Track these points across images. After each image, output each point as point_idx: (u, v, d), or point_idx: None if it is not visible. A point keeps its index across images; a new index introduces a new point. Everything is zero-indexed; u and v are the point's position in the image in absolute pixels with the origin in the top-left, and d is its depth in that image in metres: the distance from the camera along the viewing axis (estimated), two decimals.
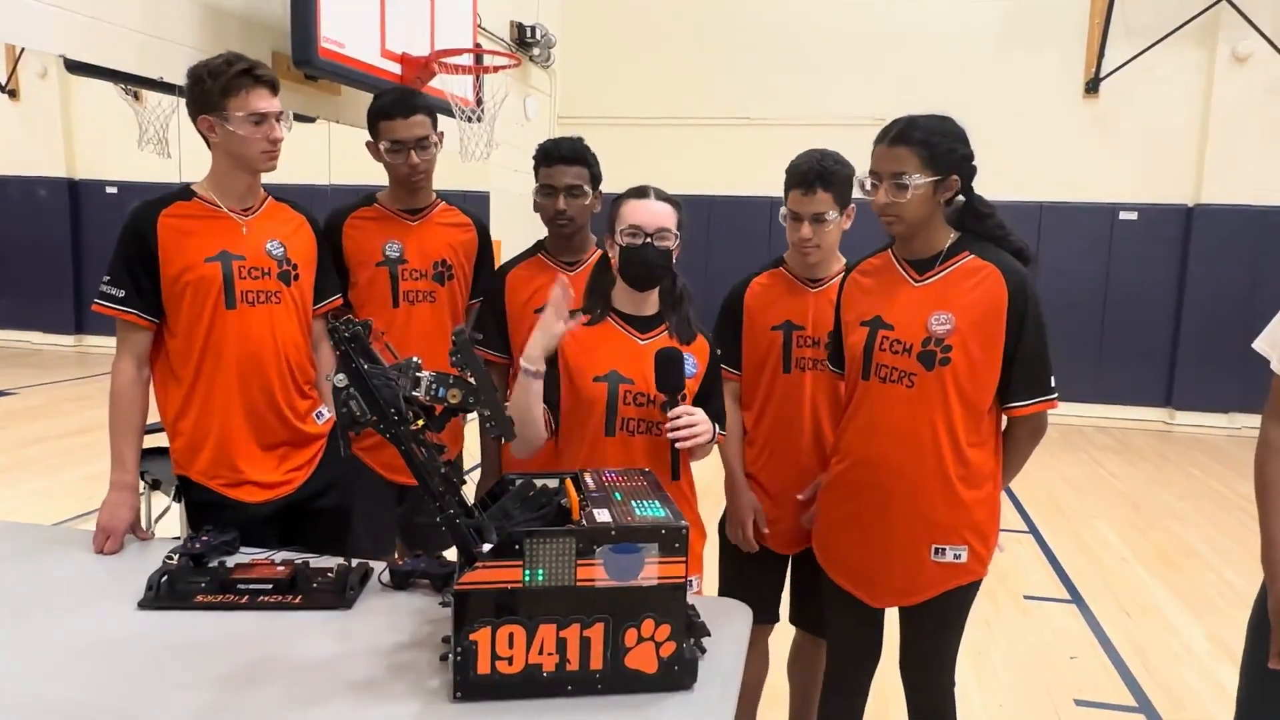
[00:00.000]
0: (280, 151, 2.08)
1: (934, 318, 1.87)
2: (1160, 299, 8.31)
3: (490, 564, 1.36)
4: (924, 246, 1.93)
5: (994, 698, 3.22)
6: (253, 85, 2.00)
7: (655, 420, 1.94)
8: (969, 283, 1.88)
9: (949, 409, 1.87)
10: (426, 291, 2.53)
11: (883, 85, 8.34)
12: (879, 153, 1.87)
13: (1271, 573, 1.57)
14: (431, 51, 4.92)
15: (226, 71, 1.99)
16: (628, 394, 1.95)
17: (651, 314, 2.03)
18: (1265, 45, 7.72)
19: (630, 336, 2.00)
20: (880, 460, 1.93)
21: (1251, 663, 1.67)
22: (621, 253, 1.95)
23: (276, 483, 2.14)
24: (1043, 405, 1.91)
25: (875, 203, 1.88)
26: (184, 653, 1.51)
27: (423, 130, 2.44)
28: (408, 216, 2.54)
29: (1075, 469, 6.65)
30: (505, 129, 6.68)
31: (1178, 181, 8.23)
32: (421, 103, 2.46)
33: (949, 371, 1.86)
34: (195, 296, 2.02)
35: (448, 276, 2.56)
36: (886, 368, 1.91)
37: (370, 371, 1.40)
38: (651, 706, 1.40)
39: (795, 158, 2.16)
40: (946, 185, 1.85)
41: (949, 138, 1.85)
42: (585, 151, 2.35)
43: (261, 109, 2.01)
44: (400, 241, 2.50)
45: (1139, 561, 4.75)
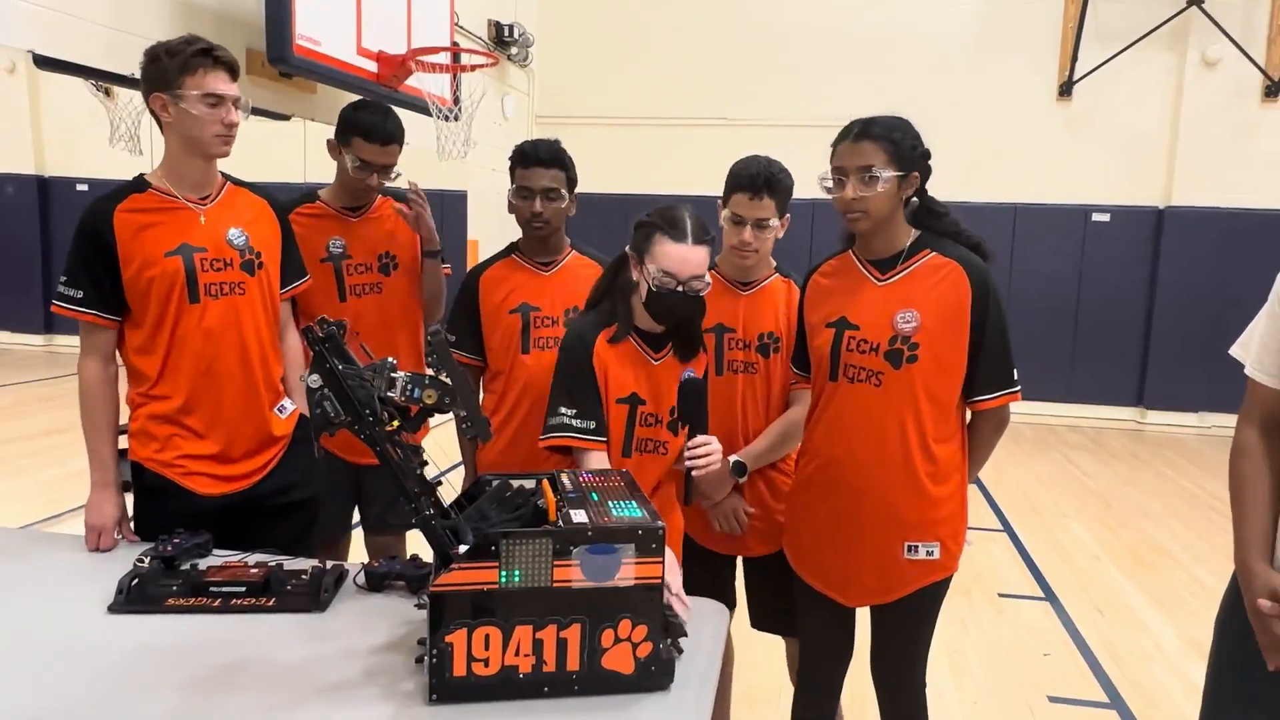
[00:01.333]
0: (234, 137, 2.03)
1: (899, 316, 1.89)
2: (1132, 300, 8.42)
3: (466, 565, 1.36)
4: (885, 245, 1.95)
5: (969, 695, 3.24)
6: (211, 66, 1.95)
7: (662, 440, 1.98)
8: (932, 280, 1.90)
9: (917, 406, 1.89)
10: (372, 284, 2.58)
11: (860, 88, 8.37)
12: (844, 149, 1.89)
13: (1244, 573, 1.58)
14: (408, 50, 4.88)
15: (184, 50, 1.94)
16: (644, 415, 1.96)
17: (662, 332, 2.02)
18: (1234, 50, 7.84)
19: (646, 356, 2.00)
20: (850, 460, 1.94)
21: (1218, 659, 1.69)
22: (651, 294, 1.91)
23: (233, 476, 2.10)
24: (1007, 398, 1.94)
25: (842, 199, 1.89)
26: (155, 657, 1.49)
27: (392, 159, 2.50)
28: (349, 213, 2.58)
29: (1048, 468, 6.71)
30: (483, 128, 6.65)
31: (1149, 184, 8.34)
32: (399, 132, 2.52)
33: (916, 369, 1.88)
34: (158, 292, 1.99)
35: (392, 267, 2.60)
36: (855, 368, 1.93)
37: (344, 372, 1.39)
38: (629, 707, 1.39)
39: (739, 162, 2.19)
40: (909, 181, 1.89)
41: (910, 135, 1.89)
42: (563, 155, 2.35)
43: (218, 90, 1.96)
44: (342, 237, 2.54)
45: (1111, 560, 4.80)
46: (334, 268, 2.53)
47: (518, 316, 2.36)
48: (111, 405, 2.03)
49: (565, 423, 1.91)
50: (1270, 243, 7.73)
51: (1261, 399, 1.63)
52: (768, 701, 2.99)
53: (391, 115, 2.55)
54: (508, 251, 2.47)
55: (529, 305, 2.37)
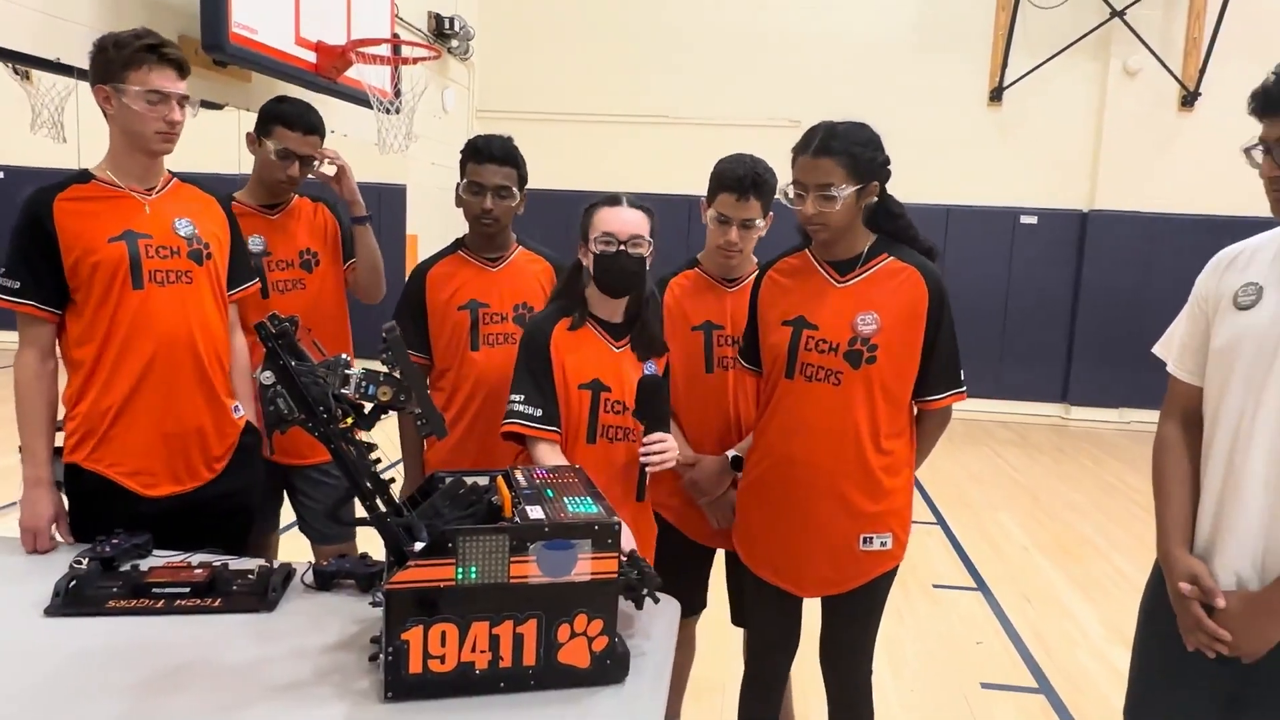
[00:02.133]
0: (177, 135, 1.99)
1: (859, 318, 1.94)
2: (1057, 300, 8.71)
3: (423, 562, 1.35)
4: (845, 249, 2.00)
5: (906, 684, 3.34)
6: (156, 62, 1.91)
7: (629, 428, 1.99)
8: (892, 284, 1.96)
9: (873, 404, 1.94)
10: (295, 280, 2.57)
11: (798, 88, 8.50)
12: (803, 164, 1.92)
13: (1166, 560, 1.67)
14: (348, 41, 4.80)
15: (132, 44, 1.91)
16: (608, 401, 1.97)
17: (623, 321, 2.05)
18: (1154, 61, 8.17)
19: (607, 343, 2.02)
20: (806, 457, 1.98)
21: (1143, 641, 1.78)
22: (596, 261, 1.96)
23: (179, 476, 2.05)
24: (955, 397, 2.02)
25: (802, 213, 1.93)
26: (97, 660, 1.46)
27: (312, 150, 2.50)
28: (267, 211, 2.57)
29: (979, 463, 6.92)
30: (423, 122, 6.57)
31: (1074, 188, 8.64)
32: (321, 125, 2.55)
33: (874, 369, 1.93)
34: (100, 278, 1.93)
35: (314, 263, 2.59)
36: (813, 367, 1.97)
37: (298, 368, 1.37)
38: (584, 701, 1.41)
39: (725, 161, 2.20)
40: (868, 191, 1.93)
41: (869, 146, 1.92)
42: (515, 153, 2.36)
43: (161, 87, 1.92)
44: (262, 235, 2.53)
45: (1038, 550, 4.98)
46: (255, 266, 2.48)
47: (466, 313, 2.35)
48: (47, 400, 1.97)
49: (514, 409, 1.95)
50: (1187, 246, 8.06)
51: (1182, 395, 1.72)
52: (712, 693, 3.04)
53: (314, 109, 2.56)
54: (454, 247, 2.46)
55: (477, 301, 2.36)
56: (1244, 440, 1.55)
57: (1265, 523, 1.52)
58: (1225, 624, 1.53)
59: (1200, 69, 8.21)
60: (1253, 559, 1.55)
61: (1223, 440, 1.59)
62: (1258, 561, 1.54)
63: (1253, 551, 1.54)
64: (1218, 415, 1.61)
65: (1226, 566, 1.58)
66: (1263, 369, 1.53)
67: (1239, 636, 1.52)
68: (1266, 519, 1.52)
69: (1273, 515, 1.52)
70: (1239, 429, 1.56)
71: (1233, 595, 1.54)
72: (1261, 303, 1.55)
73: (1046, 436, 8.16)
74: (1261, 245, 1.63)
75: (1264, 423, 1.52)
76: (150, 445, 2.01)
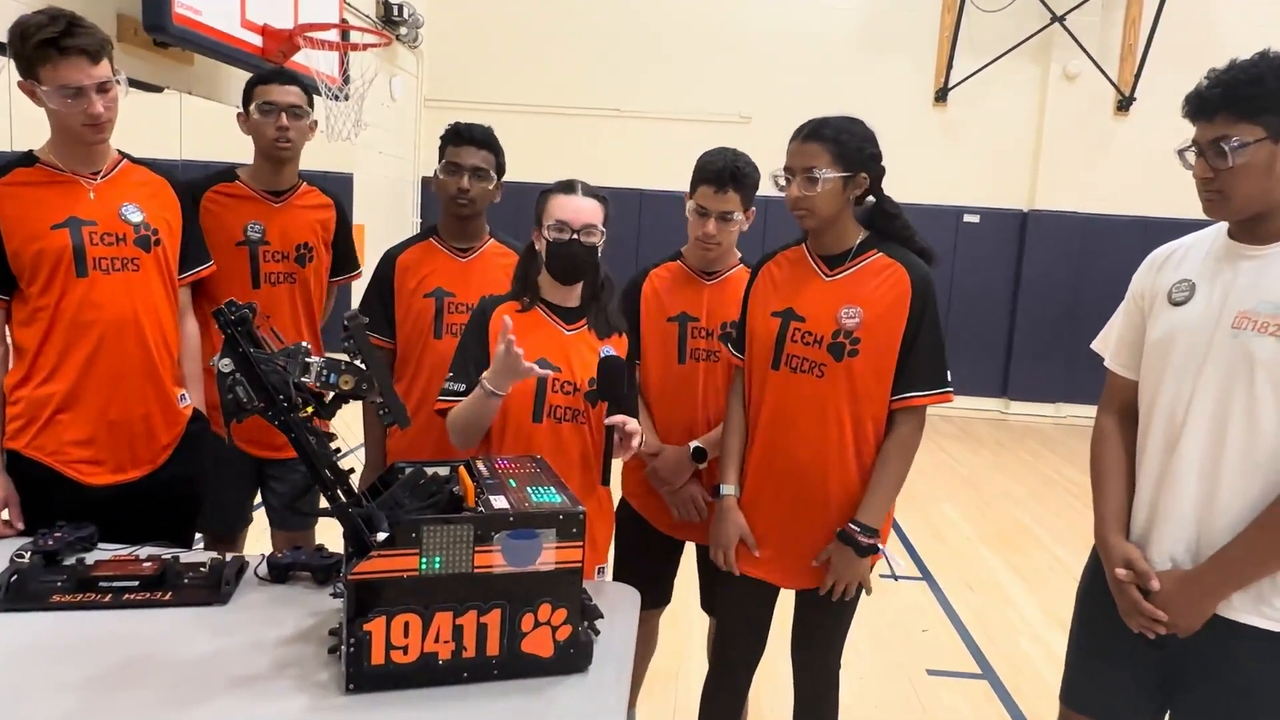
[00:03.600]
0: (108, 122, 1.91)
1: (844, 311, 1.95)
2: (999, 297, 8.94)
3: (385, 553, 1.34)
4: (835, 242, 2.01)
5: (855, 672, 3.39)
6: (59, 57, 1.80)
7: (580, 409, 1.97)
8: (877, 279, 1.97)
9: (855, 397, 1.95)
10: (287, 273, 2.49)
11: (748, 84, 8.58)
12: (792, 149, 1.95)
13: (1103, 546, 1.74)
14: (295, 24, 4.70)
15: (33, 37, 1.79)
16: (555, 381, 1.96)
17: (576, 305, 2.05)
18: (1092, 66, 8.42)
19: (557, 326, 2.01)
20: (792, 447, 1.99)
21: (1081, 623, 1.85)
22: (548, 248, 1.97)
23: (124, 465, 2.01)
24: (939, 398, 1.97)
25: (788, 197, 1.95)
26: (44, 656, 1.41)
27: (296, 99, 2.43)
28: (271, 198, 2.49)
29: (923, 455, 6.91)
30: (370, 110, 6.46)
31: (1015, 188, 8.87)
32: (300, 78, 2.52)
33: (856, 362, 1.94)
34: (44, 266, 1.88)
35: (308, 258, 2.53)
36: (798, 358, 1.98)
37: (258, 356, 1.35)
38: (548, 690, 1.41)
39: (706, 154, 2.21)
40: (855, 182, 1.94)
41: (857, 137, 1.94)
42: (494, 139, 2.38)
43: (73, 82, 1.81)
44: (262, 222, 2.44)
45: (981, 540, 5.11)
46: (249, 252, 2.42)
47: (431, 301, 2.34)
48: None
49: (445, 386, 1.97)
50: (1121, 245, 8.33)
51: (1119, 389, 1.80)
52: (666, 682, 3.05)
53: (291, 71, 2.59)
54: (425, 235, 2.44)
55: (444, 291, 2.34)
56: (1178, 431, 1.61)
57: (1199, 509, 1.59)
58: (1161, 604, 1.60)
59: (1135, 75, 8.49)
60: (1187, 544, 1.61)
61: (1158, 431, 1.66)
62: (1192, 546, 1.61)
63: (1187, 537, 1.61)
64: (1153, 407, 1.68)
65: (1162, 552, 1.64)
66: (1196, 362, 1.59)
67: (1174, 614, 1.59)
68: (1200, 505, 1.59)
69: (1206, 502, 1.59)
70: (1173, 420, 1.62)
71: (1166, 576, 1.61)
72: (1194, 299, 1.62)
73: (987, 430, 8.37)
74: (1194, 244, 1.71)
75: (1197, 413, 1.59)
76: (94, 433, 1.97)
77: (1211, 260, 1.64)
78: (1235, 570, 1.55)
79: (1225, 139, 1.49)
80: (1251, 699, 1.56)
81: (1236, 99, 1.49)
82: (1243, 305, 1.54)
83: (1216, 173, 1.53)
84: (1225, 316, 1.56)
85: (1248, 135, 1.48)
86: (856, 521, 1.96)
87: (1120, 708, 1.76)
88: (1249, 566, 1.54)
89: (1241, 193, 1.52)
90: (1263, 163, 1.49)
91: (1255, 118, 1.48)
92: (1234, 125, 1.49)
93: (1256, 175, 1.50)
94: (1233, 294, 1.56)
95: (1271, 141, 1.48)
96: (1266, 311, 1.51)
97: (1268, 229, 1.56)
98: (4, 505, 1.90)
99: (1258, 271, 1.55)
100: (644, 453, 2.28)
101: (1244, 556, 1.54)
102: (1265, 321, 1.51)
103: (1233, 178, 1.51)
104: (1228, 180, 1.52)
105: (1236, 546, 1.54)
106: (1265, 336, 1.51)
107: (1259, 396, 1.52)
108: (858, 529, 1.95)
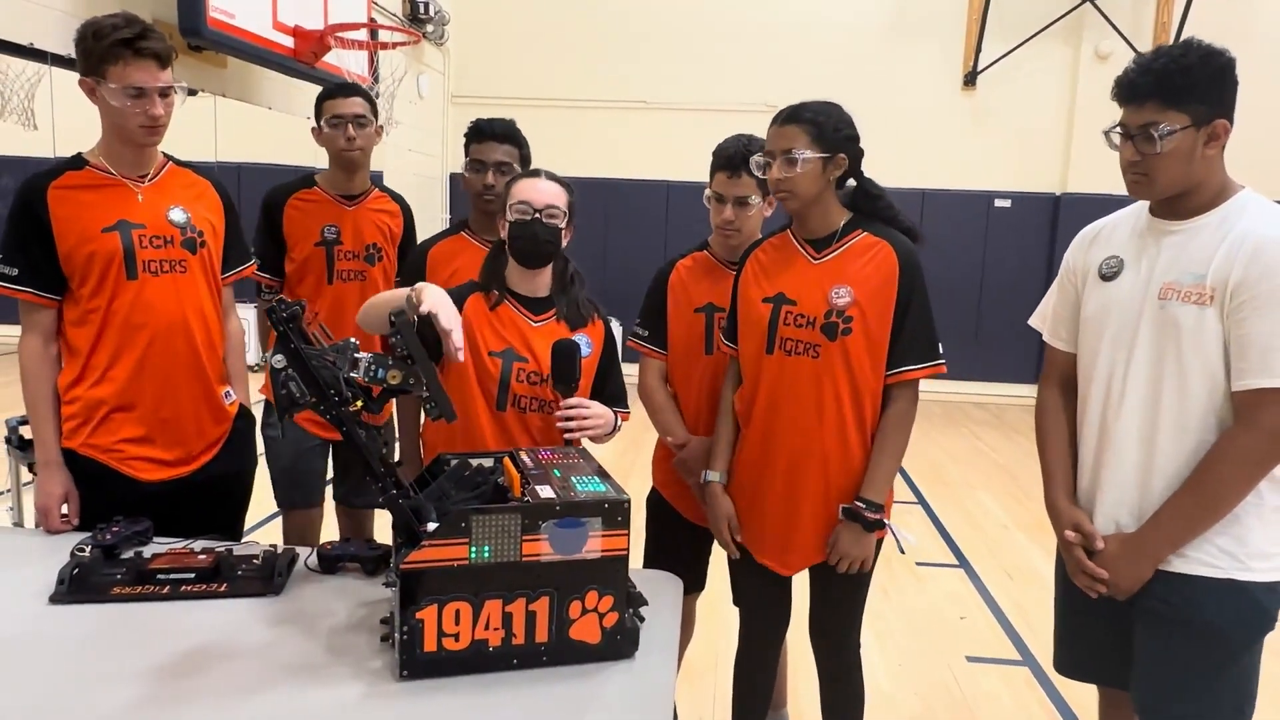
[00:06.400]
0: (164, 127, 1.98)
1: (834, 291, 1.97)
2: (1031, 282, 8.81)
3: (436, 542, 1.37)
4: (820, 225, 2.03)
5: (893, 658, 3.40)
6: (133, 57, 1.87)
7: (546, 399, 2.00)
8: (864, 258, 1.99)
9: (851, 374, 1.97)
10: (358, 271, 2.72)
11: (775, 73, 8.52)
12: (771, 133, 1.98)
13: (1052, 511, 1.85)
14: (326, 25, 4.76)
15: (109, 36, 1.87)
16: (521, 371, 1.99)
17: (544, 296, 2.07)
18: (1124, 45, 8.27)
19: (524, 317, 2.04)
20: (790, 429, 2.01)
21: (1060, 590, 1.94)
22: (510, 229, 2.00)
23: (176, 460, 2.06)
24: (932, 369, 2.01)
25: (770, 179, 1.98)
26: (108, 646, 1.46)
27: (360, 109, 2.65)
28: (345, 201, 2.73)
29: (957, 443, 7.02)
30: (398, 107, 6.52)
31: (1047, 171, 8.74)
32: (361, 91, 2.74)
33: (850, 341, 1.96)
34: (95, 268, 1.94)
35: (377, 258, 2.75)
36: (792, 341, 2.00)
37: (309, 352, 1.38)
38: (596, 676, 1.43)
39: (721, 142, 2.22)
40: (835, 163, 1.96)
41: (835, 119, 1.96)
42: (516, 132, 2.43)
43: (139, 83, 1.88)
44: (337, 224, 2.70)
45: (1018, 528, 5.07)
46: (326, 252, 2.68)
47: None
48: (50, 383, 1.98)
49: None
50: None
51: (1058, 363, 1.92)
52: (704, 673, 3.08)
53: (354, 84, 2.79)
54: (457, 229, 2.49)
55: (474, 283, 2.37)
56: (1116, 400, 1.72)
57: (1139, 473, 1.70)
58: (1103, 564, 1.72)
59: None
60: (1129, 507, 1.72)
61: (1096, 401, 1.76)
62: (1134, 509, 1.71)
63: (1129, 500, 1.71)
64: (1091, 378, 1.78)
65: (1107, 515, 1.75)
66: (1129, 334, 1.70)
67: (1115, 575, 1.71)
68: (1140, 470, 1.70)
69: (1145, 466, 1.69)
70: (1110, 390, 1.73)
71: (1111, 538, 1.73)
72: (1123, 274, 1.74)
73: (1023, 416, 8.28)
74: (1120, 221, 1.81)
75: (1134, 383, 1.69)
76: (146, 431, 2.02)
77: (1136, 237, 1.74)
78: (1168, 533, 1.66)
79: (1154, 125, 1.58)
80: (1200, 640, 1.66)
81: (1166, 87, 1.58)
82: (1167, 277, 1.65)
83: (1144, 156, 1.62)
84: (1152, 288, 1.67)
85: (1175, 122, 1.58)
86: (862, 498, 1.99)
87: (1102, 668, 1.88)
88: (1181, 529, 1.65)
89: (1167, 176, 1.62)
90: (1187, 148, 1.59)
91: (1182, 106, 1.57)
92: (1162, 112, 1.58)
93: (1181, 160, 1.60)
94: (1158, 267, 1.67)
95: (1195, 129, 1.58)
96: (1189, 282, 1.62)
97: (1187, 205, 1.66)
98: (65, 500, 1.96)
99: (1179, 245, 1.66)
100: (671, 443, 2.31)
101: (1175, 520, 1.65)
102: (1188, 291, 1.61)
103: (1159, 162, 1.61)
104: (1154, 164, 1.62)
105: (1168, 510, 1.66)
106: (1188, 305, 1.61)
107: (1186, 363, 1.63)
108: (863, 505, 1.98)
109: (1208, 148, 1.60)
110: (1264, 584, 1.63)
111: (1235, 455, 1.59)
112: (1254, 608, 1.63)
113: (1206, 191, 1.64)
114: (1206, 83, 1.58)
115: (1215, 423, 1.63)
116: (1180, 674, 1.68)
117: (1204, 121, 1.58)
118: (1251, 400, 1.57)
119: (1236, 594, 1.63)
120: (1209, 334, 1.60)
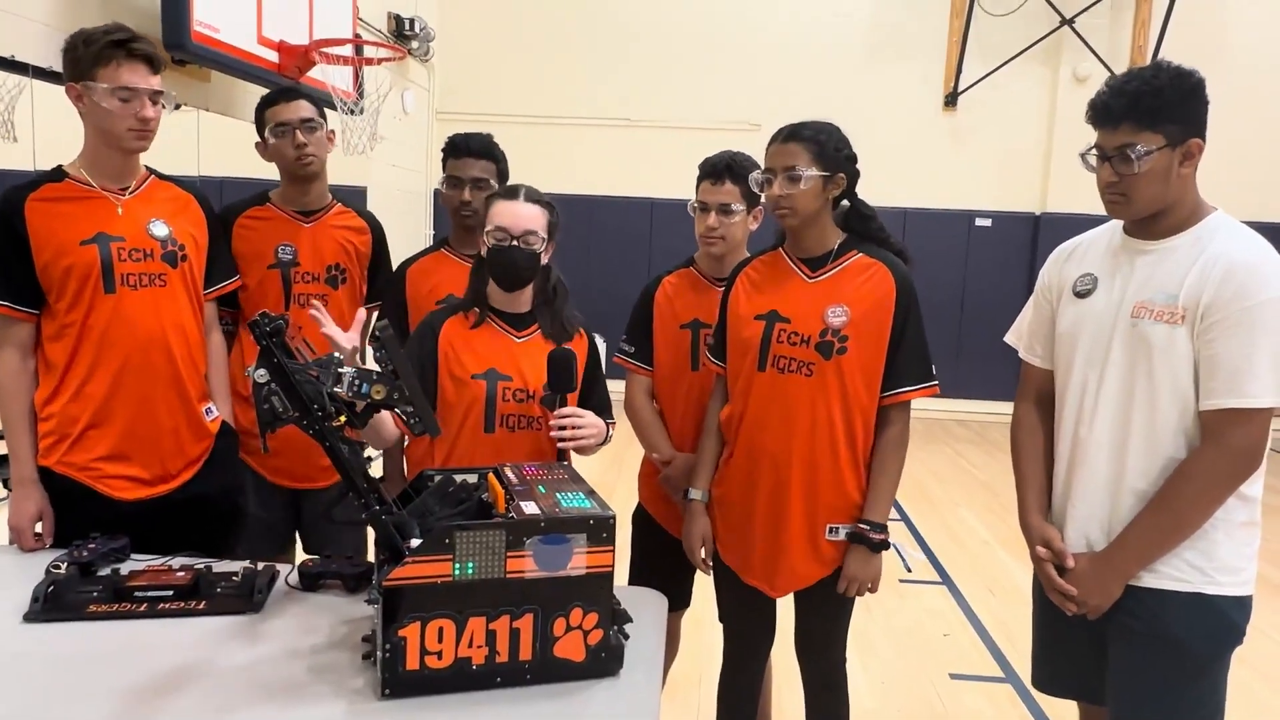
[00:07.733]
0: (153, 132, 1.97)
1: (829, 310, 1.98)
2: (1012, 300, 8.77)
3: (420, 559, 1.36)
4: (815, 244, 2.04)
5: (876, 675, 3.39)
6: (125, 58, 1.89)
7: (534, 416, 1.99)
8: (860, 279, 2.00)
9: (845, 394, 1.98)
10: (319, 294, 2.44)
11: (758, 92, 8.58)
12: (772, 150, 1.99)
13: (1025, 528, 1.86)
14: (310, 40, 4.76)
15: (100, 39, 1.88)
16: (506, 391, 1.98)
17: (525, 311, 2.07)
18: (1101, 68, 8.39)
19: (506, 334, 2.03)
20: (779, 447, 2.01)
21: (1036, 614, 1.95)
22: (489, 253, 1.99)
23: (155, 479, 2.03)
24: (926, 391, 2.04)
25: (770, 196, 1.99)
26: (83, 664, 1.44)
27: (308, 112, 2.38)
28: (301, 218, 2.46)
29: (939, 461, 7.05)
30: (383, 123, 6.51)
31: (1027, 191, 8.84)
32: (305, 91, 2.52)
33: (845, 360, 1.97)
34: (72, 282, 1.91)
35: (341, 280, 2.49)
36: (785, 358, 2.00)
37: (292, 367, 1.37)
38: (580, 694, 1.42)
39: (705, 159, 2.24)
40: (834, 182, 1.98)
41: (835, 139, 1.99)
42: (493, 147, 2.40)
43: (130, 84, 1.89)
44: (293, 243, 2.43)
45: (1000, 544, 5.08)
46: (281, 274, 2.41)
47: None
48: (27, 399, 1.95)
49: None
50: None
51: (1034, 378, 1.94)
52: (689, 689, 3.06)
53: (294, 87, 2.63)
54: (437, 246, 2.47)
55: (455, 298, 2.36)
56: (1088, 415, 1.74)
57: (1110, 489, 1.72)
58: (1074, 582, 1.73)
59: None
60: (1100, 522, 1.73)
61: (1070, 416, 1.78)
62: (1105, 524, 1.73)
63: (1100, 516, 1.73)
64: (1065, 393, 1.80)
65: (1078, 530, 1.76)
66: (1102, 351, 1.72)
67: (1084, 592, 1.72)
68: (1110, 484, 1.71)
69: (1116, 481, 1.71)
70: (1083, 405, 1.75)
71: (1081, 556, 1.74)
72: (1097, 291, 1.76)
73: (1003, 434, 8.23)
74: (1095, 239, 1.84)
75: (1105, 399, 1.71)
76: (123, 448, 1.99)
77: (1110, 255, 1.77)
78: (1136, 551, 1.68)
79: (1130, 146, 1.60)
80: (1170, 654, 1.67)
81: (1139, 109, 1.61)
82: (1140, 296, 1.67)
83: (1121, 177, 1.64)
84: (1125, 307, 1.69)
85: (1150, 143, 1.60)
86: (866, 520, 2.01)
87: (1079, 684, 1.89)
88: (1148, 547, 1.67)
89: (1145, 196, 1.64)
90: (1164, 168, 1.62)
91: (1156, 126, 1.60)
92: (1137, 134, 1.61)
93: (1158, 179, 1.62)
94: (1131, 286, 1.70)
95: (1170, 149, 1.61)
96: (1161, 301, 1.64)
97: (1161, 225, 1.69)
98: (39, 519, 1.93)
99: (1153, 265, 1.68)
100: (657, 460, 2.31)
101: (1142, 538, 1.67)
102: (1160, 310, 1.64)
103: (1136, 182, 1.63)
104: (1131, 185, 1.64)
105: (1135, 528, 1.68)
106: (1160, 324, 1.63)
107: (1157, 381, 1.65)
108: (868, 527, 2.00)
109: (1183, 166, 1.63)
110: (1231, 598, 1.65)
111: (1202, 474, 1.62)
112: (1222, 622, 1.65)
113: (1181, 211, 1.67)
114: (1179, 103, 1.61)
115: (1184, 441, 1.65)
116: (1151, 687, 1.69)
117: (1178, 141, 1.61)
118: (1219, 420, 1.60)
119: (1204, 608, 1.65)
120: (1179, 353, 1.62)
